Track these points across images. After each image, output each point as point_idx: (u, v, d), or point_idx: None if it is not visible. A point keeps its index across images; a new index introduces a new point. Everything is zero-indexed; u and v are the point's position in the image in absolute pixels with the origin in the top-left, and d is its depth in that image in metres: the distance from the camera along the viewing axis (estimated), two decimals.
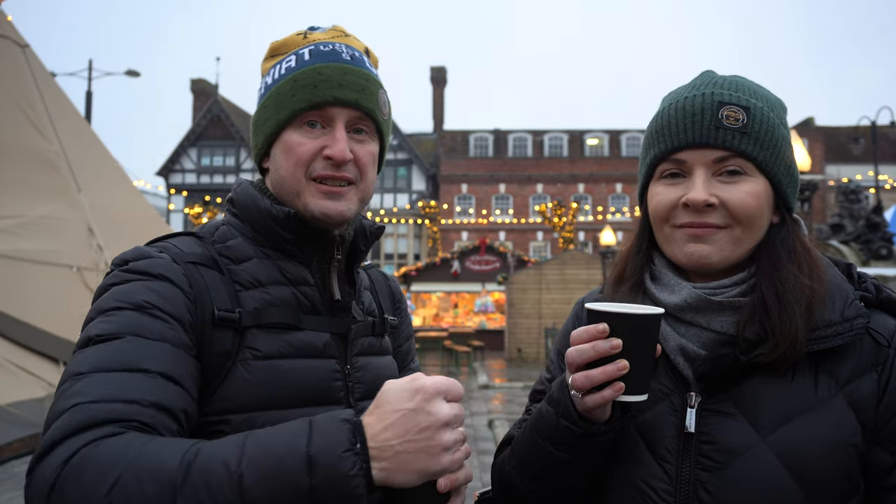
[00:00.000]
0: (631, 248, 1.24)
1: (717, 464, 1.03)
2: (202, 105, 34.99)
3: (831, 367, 1.04)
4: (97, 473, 0.78)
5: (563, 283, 20.67)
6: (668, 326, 1.12)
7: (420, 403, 0.85)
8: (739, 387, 1.06)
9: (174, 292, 1.03)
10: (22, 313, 4.27)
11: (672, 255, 1.14)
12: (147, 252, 1.08)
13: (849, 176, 28.11)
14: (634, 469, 1.09)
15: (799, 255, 1.10)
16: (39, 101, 5.14)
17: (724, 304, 1.08)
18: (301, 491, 0.79)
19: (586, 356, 0.98)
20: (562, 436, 1.06)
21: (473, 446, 8.77)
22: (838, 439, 1.00)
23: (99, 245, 4.95)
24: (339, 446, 0.81)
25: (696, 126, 1.08)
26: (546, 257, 29.25)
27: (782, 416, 1.02)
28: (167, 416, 0.90)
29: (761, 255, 1.10)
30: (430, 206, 31.31)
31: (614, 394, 0.98)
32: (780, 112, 1.13)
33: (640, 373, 0.99)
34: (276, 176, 1.18)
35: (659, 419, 1.10)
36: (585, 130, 36.00)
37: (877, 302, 1.09)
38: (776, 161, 1.09)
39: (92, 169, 5.44)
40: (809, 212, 10.26)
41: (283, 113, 1.15)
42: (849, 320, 1.04)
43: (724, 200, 1.07)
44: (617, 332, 0.97)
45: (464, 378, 16.87)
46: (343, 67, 1.17)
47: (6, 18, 5.21)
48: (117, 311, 0.97)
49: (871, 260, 11.27)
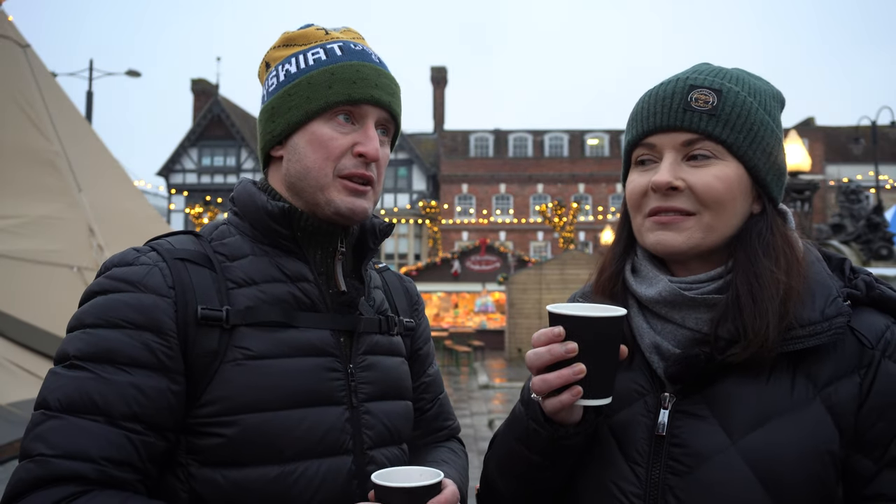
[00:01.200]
0: (613, 239, 1.21)
1: (686, 468, 0.99)
2: (203, 105, 34.97)
3: (810, 369, 0.99)
4: None
5: (564, 283, 20.65)
6: (644, 322, 1.09)
7: None
8: (713, 388, 1.01)
9: (150, 302, 1.03)
10: (22, 313, 4.27)
11: (642, 243, 1.11)
12: (130, 258, 1.08)
13: (849, 176, 28.10)
14: (606, 471, 1.06)
15: (777, 248, 1.04)
16: (40, 101, 5.14)
17: (697, 300, 1.04)
18: None
19: (543, 360, 0.95)
20: (531, 438, 1.04)
21: (473, 446, 8.77)
22: (813, 445, 0.95)
23: (99, 245, 4.95)
24: None
25: (665, 109, 1.06)
26: (546, 257, 29.24)
27: (755, 419, 0.97)
28: (126, 468, 0.96)
29: (738, 248, 1.05)
30: (431, 206, 31.31)
31: (572, 398, 0.95)
32: (767, 100, 1.09)
33: (601, 376, 0.95)
34: (298, 166, 1.15)
35: (632, 420, 1.06)
36: (586, 130, 35.98)
37: (868, 300, 1.03)
38: (751, 146, 1.04)
39: (92, 169, 5.44)
40: (810, 212, 10.27)
41: (315, 103, 1.13)
42: (828, 319, 0.98)
43: (690, 184, 1.03)
44: (574, 336, 0.94)
45: (464, 378, 16.87)
46: (377, 69, 1.18)
47: (7, 18, 5.21)
48: (94, 328, 1.02)
49: (871, 260, 11.26)
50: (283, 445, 1.05)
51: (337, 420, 1.11)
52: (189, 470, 1.04)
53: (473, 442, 9.08)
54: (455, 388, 14.89)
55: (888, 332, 1.00)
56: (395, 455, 1.21)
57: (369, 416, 1.16)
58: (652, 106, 1.08)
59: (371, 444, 1.15)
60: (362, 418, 1.15)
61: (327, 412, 1.10)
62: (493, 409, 11.68)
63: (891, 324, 1.02)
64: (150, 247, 1.11)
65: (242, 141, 33.18)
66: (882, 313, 1.03)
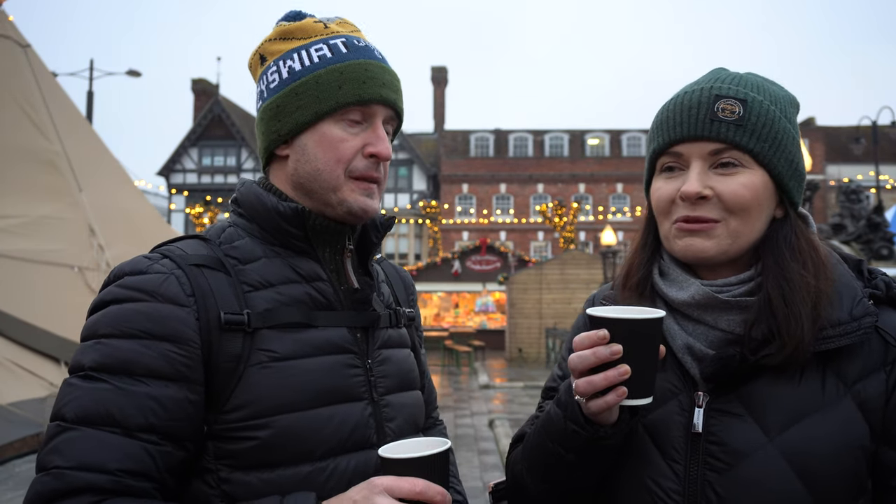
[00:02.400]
0: (638, 243, 1.23)
1: (725, 465, 1.03)
2: (203, 105, 35.00)
3: (839, 367, 1.03)
4: None
5: (564, 283, 20.66)
6: (675, 324, 1.12)
7: (365, 496, 0.93)
8: (747, 387, 1.05)
9: (167, 311, 1.01)
10: (23, 313, 4.28)
11: (670, 249, 1.14)
12: (143, 266, 1.06)
13: (850, 176, 28.10)
14: (643, 468, 1.09)
15: (804, 252, 1.08)
16: (41, 101, 5.15)
17: (730, 302, 1.07)
18: None
19: (588, 362, 0.97)
20: (570, 439, 1.06)
21: (474, 446, 8.77)
22: (846, 441, 1.00)
23: (100, 245, 4.95)
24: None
25: (692, 119, 1.08)
26: (547, 257, 29.25)
27: (790, 417, 1.01)
28: (143, 479, 0.96)
29: (766, 252, 1.09)
30: (431, 206, 31.31)
31: (618, 398, 0.97)
32: (787, 107, 1.12)
33: (643, 376, 0.98)
34: (309, 167, 1.14)
35: (667, 419, 1.09)
36: (586, 130, 35.98)
37: (887, 299, 1.07)
38: (776, 154, 1.08)
39: (93, 169, 5.44)
40: (810, 212, 10.26)
41: (326, 104, 1.12)
42: (857, 319, 1.03)
43: (718, 192, 1.06)
44: (617, 338, 0.97)
45: (464, 378, 16.87)
46: (382, 66, 1.17)
47: (8, 18, 5.22)
48: (109, 338, 1.00)
49: (872, 260, 11.27)
50: (315, 444, 1.06)
51: (361, 415, 1.12)
52: (220, 475, 1.03)
53: (474, 442, 9.08)
54: (455, 388, 14.89)
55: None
56: None
57: (389, 409, 1.18)
58: (678, 115, 1.10)
59: (393, 436, 1.16)
60: (383, 411, 1.16)
61: (352, 408, 1.12)
62: (493, 409, 11.69)
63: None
64: (161, 254, 1.09)
65: (243, 141, 33.19)
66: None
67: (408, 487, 0.92)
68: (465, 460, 7.95)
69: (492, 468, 7.63)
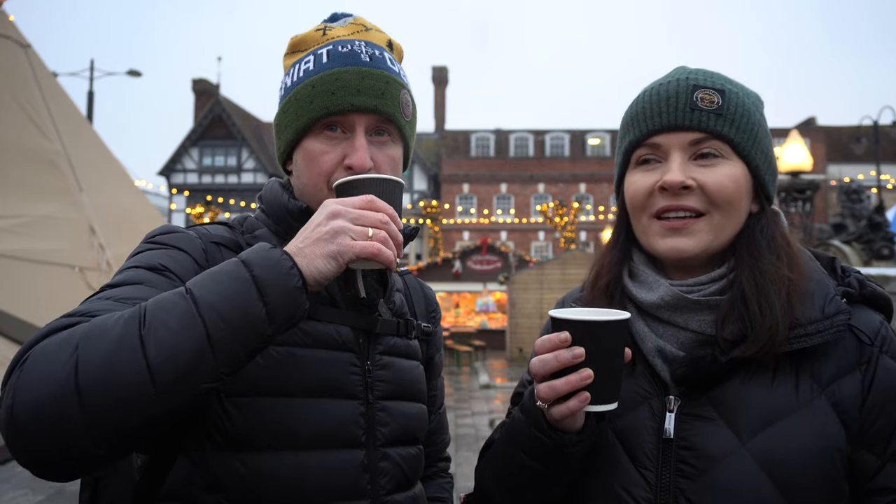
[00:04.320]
0: (608, 243, 1.19)
1: (697, 471, 0.99)
2: (204, 105, 35.00)
3: (812, 368, 0.99)
4: (60, 343, 0.83)
5: (565, 282, 20.64)
6: (645, 327, 1.08)
7: (319, 210, 0.96)
8: (719, 389, 1.01)
9: (190, 263, 1.06)
10: (24, 313, 4.28)
11: (650, 248, 1.10)
12: (174, 228, 1.13)
13: (851, 175, 28.05)
14: (613, 476, 1.05)
15: (779, 245, 1.06)
16: (41, 101, 5.15)
17: (700, 302, 1.04)
18: (245, 280, 0.87)
19: (549, 366, 0.94)
20: (534, 446, 1.02)
21: (475, 446, 8.77)
22: (822, 443, 0.96)
23: (101, 245, 4.95)
24: (264, 248, 0.92)
25: (671, 109, 1.06)
26: (547, 257, 29.23)
27: (763, 419, 0.98)
28: None
29: (741, 245, 1.06)
30: (432, 206, 31.30)
31: (580, 404, 0.93)
32: (756, 102, 1.11)
33: (608, 381, 0.95)
34: (298, 183, 1.19)
35: (638, 424, 1.05)
36: (587, 130, 35.96)
37: (860, 297, 1.04)
38: (753, 146, 1.06)
39: (94, 169, 5.44)
40: (811, 211, 10.25)
41: (301, 120, 1.14)
42: (829, 317, 0.99)
43: (701, 183, 1.04)
44: (580, 341, 0.93)
45: (465, 378, 16.88)
46: (361, 71, 1.14)
47: (8, 18, 5.22)
48: (132, 268, 1.03)
49: (873, 260, 11.24)
50: (298, 432, 1.06)
51: (352, 414, 1.12)
52: (204, 455, 1.04)
53: (474, 441, 9.09)
54: (456, 388, 14.90)
55: (882, 328, 1.02)
56: (411, 454, 1.21)
57: (384, 414, 1.17)
58: (655, 106, 1.07)
59: (384, 441, 1.15)
60: (377, 415, 1.16)
61: (344, 405, 1.11)
62: (493, 409, 11.69)
63: (883, 320, 1.04)
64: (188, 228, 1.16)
65: (243, 141, 33.19)
66: (874, 310, 1.05)
67: (359, 199, 0.96)
68: (465, 460, 7.96)
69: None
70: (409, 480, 1.19)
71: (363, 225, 0.93)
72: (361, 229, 0.93)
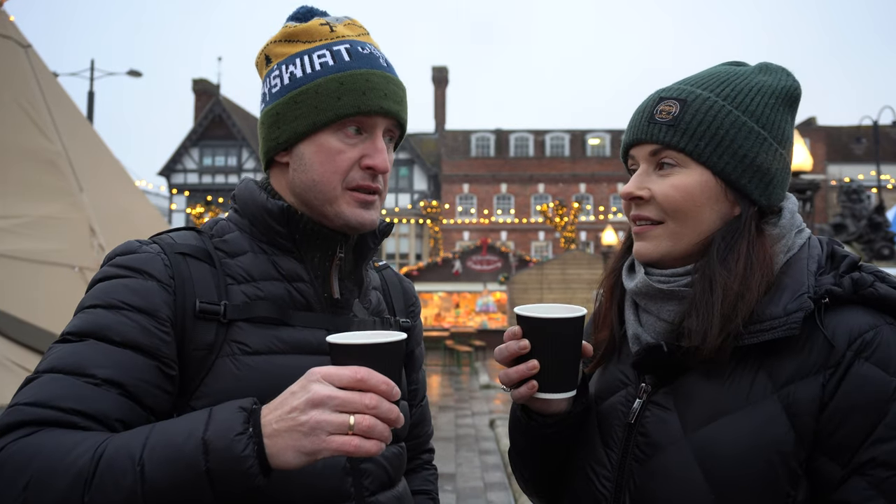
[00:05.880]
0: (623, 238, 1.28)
1: (646, 456, 1.05)
2: (204, 105, 34.99)
3: (772, 367, 0.99)
4: (13, 471, 0.85)
5: (565, 282, 20.65)
6: (632, 315, 1.15)
7: (302, 384, 0.88)
8: (680, 381, 1.06)
9: (151, 287, 1.04)
10: (24, 313, 4.28)
11: None
12: (133, 247, 1.10)
13: (851, 176, 28.07)
14: (586, 455, 1.14)
15: (739, 253, 1.03)
16: (41, 101, 5.14)
17: (665, 291, 1.08)
18: (198, 473, 0.84)
19: (502, 355, 1.05)
20: (517, 425, 1.18)
21: (475, 446, 8.76)
22: (760, 444, 0.95)
23: (101, 245, 4.95)
24: (232, 430, 0.85)
25: (636, 123, 1.12)
26: (548, 257, 29.24)
27: (709, 414, 1.00)
28: (93, 421, 0.93)
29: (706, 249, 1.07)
30: (432, 206, 31.32)
31: (529, 391, 1.03)
32: (753, 99, 1.07)
33: (559, 371, 1.04)
34: (305, 178, 1.14)
35: (612, 408, 1.13)
36: (587, 130, 35.96)
37: (858, 298, 0.99)
38: (716, 151, 1.05)
39: (94, 169, 5.44)
40: (811, 211, 10.24)
41: (324, 114, 1.11)
42: (788, 314, 0.97)
43: (653, 193, 1.09)
44: (530, 334, 1.03)
45: (465, 378, 16.87)
46: (385, 76, 1.16)
47: (9, 19, 5.21)
48: (92, 308, 1.02)
49: (873, 260, 11.25)
50: None
51: None
52: None
53: (474, 441, 9.08)
54: (456, 388, 14.89)
55: (871, 332, 0.96)
56: (394, 453, 1.21)
57: None
58: (631, 120, 1.15)
59: None
60: None
61: None
62: (494, 409, 11.68)
63: (881, 323, 0.97)
64: (151, 240, 1.13)
65: (244, 141, 33.19)
66: (879, 312, 0.98)
67: (348, 375, 0.86)
68: (465, 460, 7.95)
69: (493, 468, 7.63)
70: (392, 479, 1.20)
71: (347, 412, 0.85)
72: (342, 420, 0.84)
